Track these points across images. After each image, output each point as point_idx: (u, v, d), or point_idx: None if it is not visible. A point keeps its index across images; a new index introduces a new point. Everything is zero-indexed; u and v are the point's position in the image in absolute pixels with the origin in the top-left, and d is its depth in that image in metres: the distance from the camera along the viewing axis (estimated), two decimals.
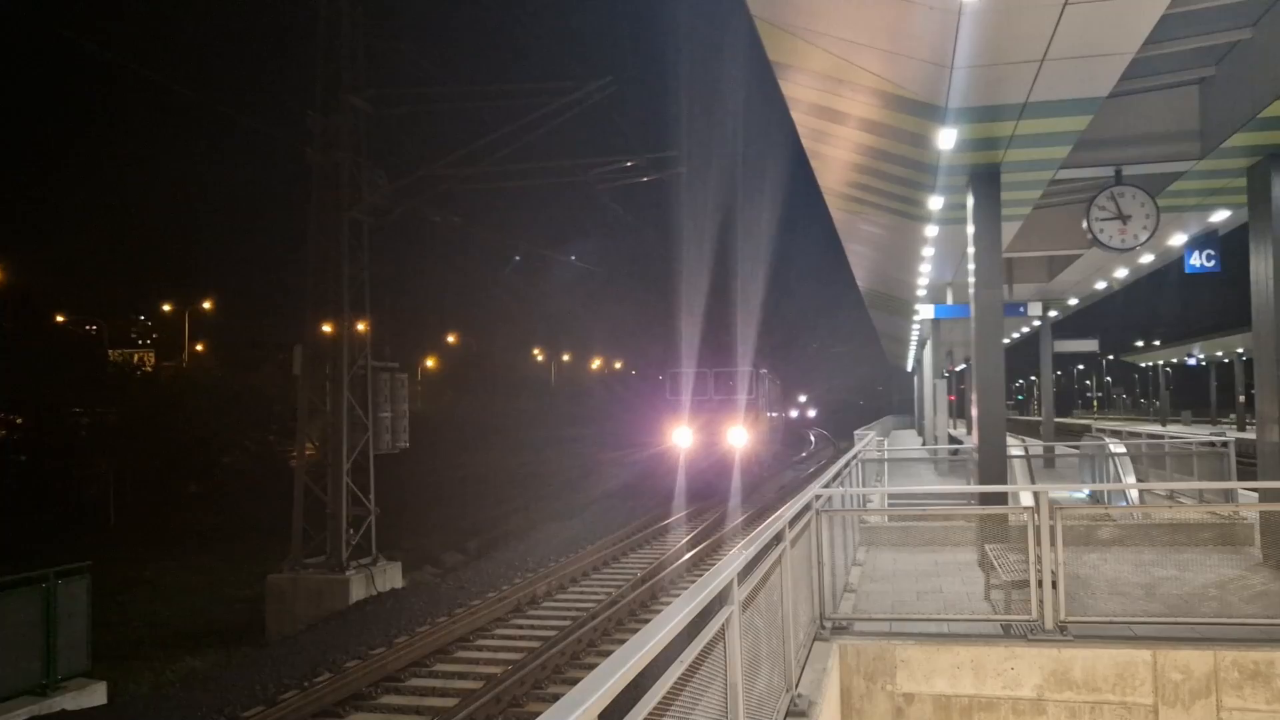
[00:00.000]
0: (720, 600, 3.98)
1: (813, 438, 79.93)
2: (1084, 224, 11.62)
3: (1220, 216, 14.05)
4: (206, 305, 67.01)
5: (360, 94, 20.57)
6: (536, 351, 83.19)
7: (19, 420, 36.32)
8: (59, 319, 55.18)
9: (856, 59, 8.67)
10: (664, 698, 3.03)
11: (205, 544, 29.30)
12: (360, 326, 21.15)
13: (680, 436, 31.52)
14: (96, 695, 11.77)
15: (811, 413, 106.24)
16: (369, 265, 21.22)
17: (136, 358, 69.10)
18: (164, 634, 19.72)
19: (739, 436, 31.21)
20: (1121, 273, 21.40)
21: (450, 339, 71.35)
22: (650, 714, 2.86)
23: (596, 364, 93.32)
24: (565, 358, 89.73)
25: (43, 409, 36.75)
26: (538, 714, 10.81)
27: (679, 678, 3.23)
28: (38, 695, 11.02)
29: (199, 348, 65.70)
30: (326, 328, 20.89)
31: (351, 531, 20.24)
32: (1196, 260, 14.22)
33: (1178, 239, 15.35)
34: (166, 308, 70.56)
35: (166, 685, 14.25)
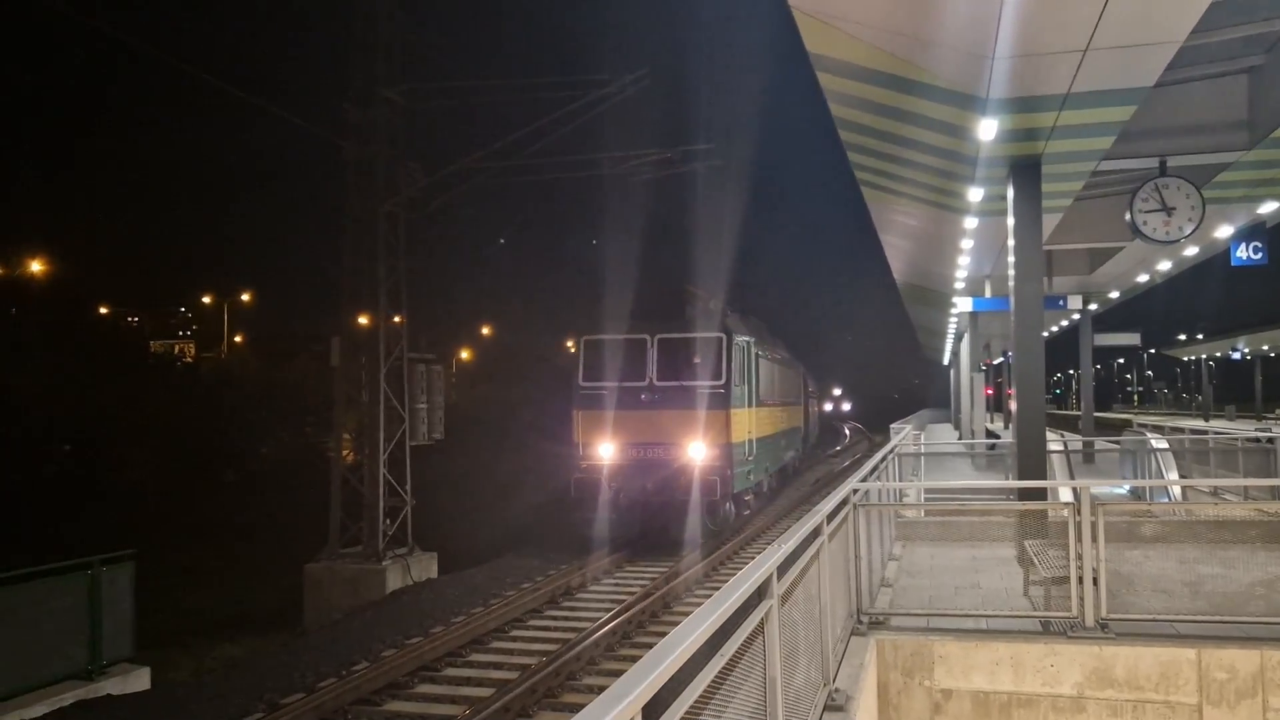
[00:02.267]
0: (760, 594, 3.97)
1: (847, 431, 79.59)
2: (1127, 216, 11.45)
3: (1269, 208, 13.78)
4: (245, 297, 67.86)
5: (396, 88, 20.69)
6: (570, 343, 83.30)
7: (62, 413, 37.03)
8: (102, 310, 56.10)
9: (895, 49, 8.58)
10: (705, 690, 3.03)
11: (243, 533, 29.73)
12: (396, 318, 21.31)
13: (602, 451, 18.97)
14: (140, 680, 11.96)
15: (846, 406, 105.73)
16: (405, 258, 21.37)
17: (177, 349, 70.23)
18: (204, 621, 20.04)
19: (698, 452, 18.56)
20: (1165, 265, 21.05)
21: (485, 330, 71.69)
22: (693, 707, 2.86)
23: None
24: None
25: (85, 399, 37.44)
26: (574, 705, 10.83)
27: (719, 671, 3.23)
28: (84, 680, 11.22)
29: (238, 339, 66.56)
30: (363, 320, 21.08)
31: (388, 522, 20.43)
32: (1243, 253, 13.99)
33: (1224, 231, 15.07)
34: (206, 300, 71.55)
35: (207, 671, 14.50)
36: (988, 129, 9.64)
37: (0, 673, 10.26)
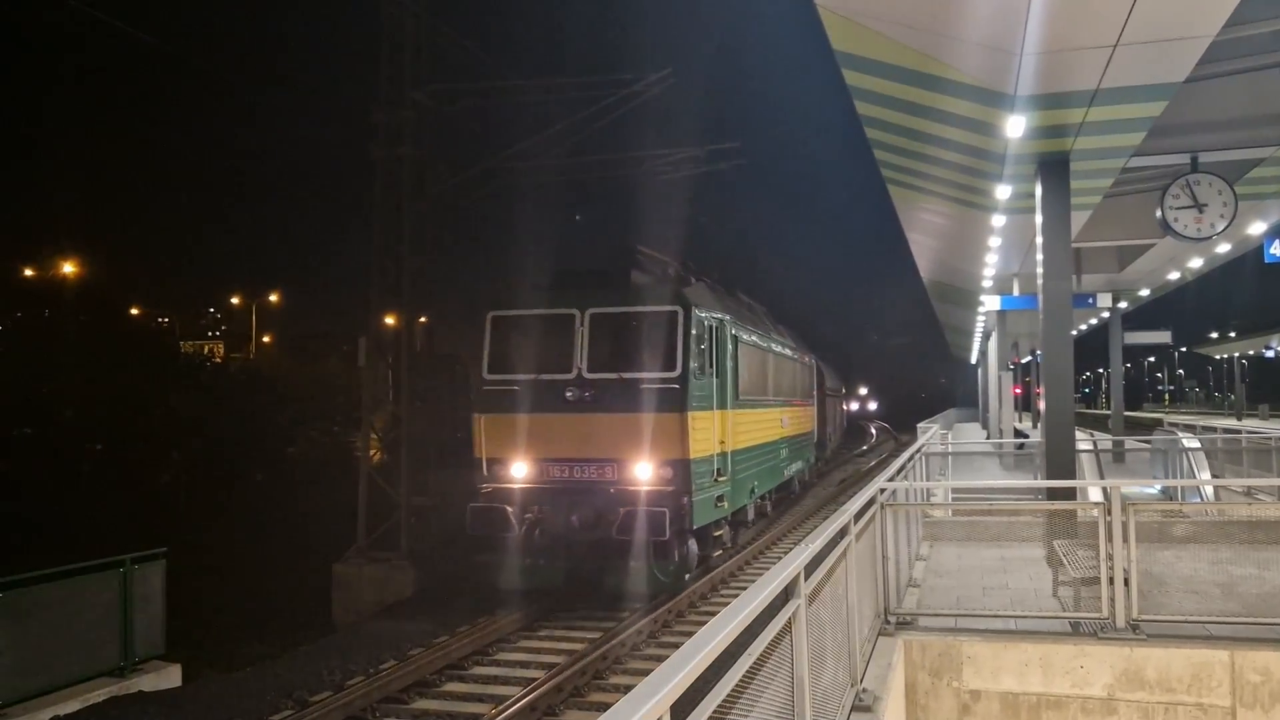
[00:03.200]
0: (787, 594, 3.97)
1: (873, 430, 79.19)
2: (1158, 213, 11.33)
3: None
4: (273, 298, 68.47)
5: (423, 89, 20.82)
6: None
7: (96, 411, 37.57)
8: (133, 312, 56.80)
9: (922, 46, 8.53)
10: (733, 690, 3.03)
11: (272, 532, 30.00)
12: (423, 319, 21.46)
13: (513, 470, 14.26)
14: (172, 678, 12.10)
15: (872, 405, 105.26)
16: (432, 257, 21.50)
17: (206, 349, 71.06)
18: (234, 619, 20.26)
19: (644, 473, 13.77)
20: (1196, 263, 20.80)
21: None
22: (720, 706, 2.86)
23: None
24: None
25: (117, 399, 37.94)
26: (601, 705, 10.77)
27: (747, 671, 3.23)
28: (116, 677, 11.37)
29: (266, 339, 67.20)
30: (390, 320, 21.23)
31: (414, 520, 20.56)
32: (1277, 249, 13.82)
33: (1257, 227, 14.89)
34: (235, 300, 72.27)
35: (237, 668, 14.64)
36: (1015, 126, 9.57)
37: (35, 669, 10.41)
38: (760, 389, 19.19)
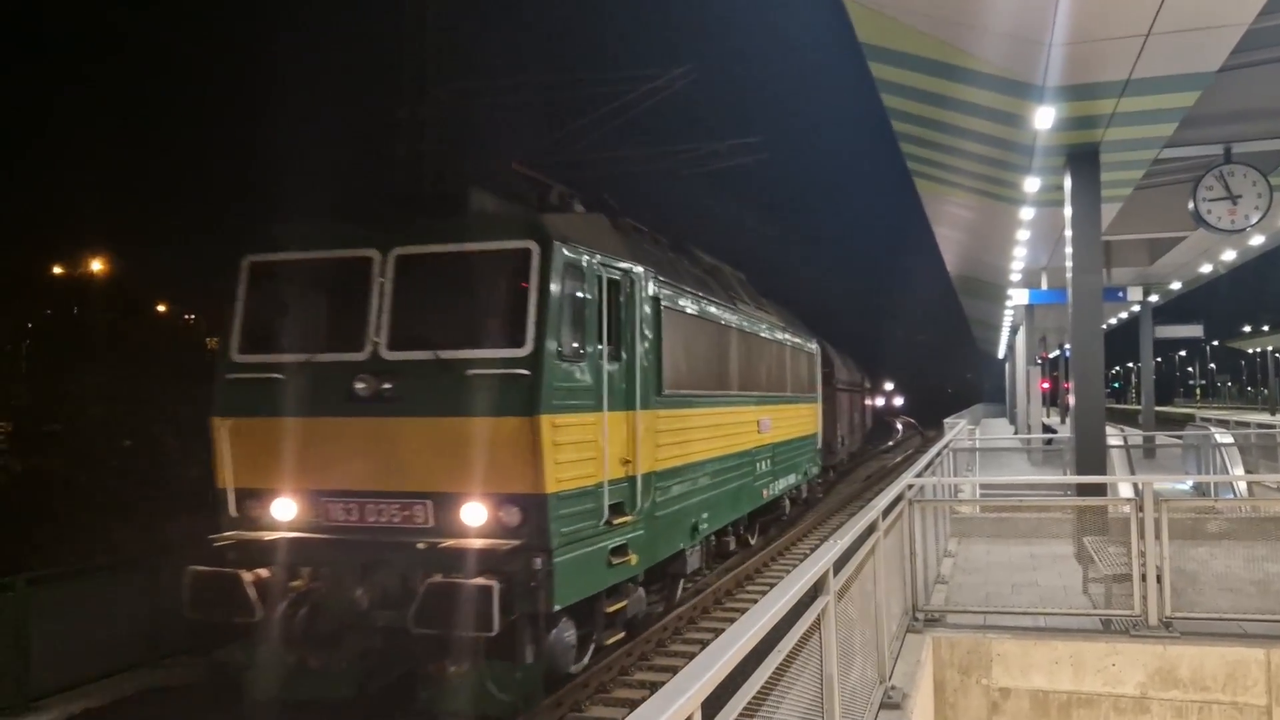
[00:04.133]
0: (816, 590, 3.93)
1: (899, 426, 78.64)
2: (1190, 205, 11.18)
3: None
4: None
5: (445, 86, 20.87)
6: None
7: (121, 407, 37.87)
8: (160, 309, 57.36)
9: (949, 37, 8.45)
10: (763, 687, 3.00)
11: None
12: None
13: (274, 509, 8.83)
14: (196, 671, 12.21)
15: (898, 400, 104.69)
16: None
17: None
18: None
19: (474, 517, 8.02)
20: (1229, 255, 20.50)
21: None
22: (750, 703, 2.84)
23: None
24: None
25: (145, 396, 38.27)
26: (627, 701, 10.68)
27: (776, 668, 3.20)
28: (146, 669, 11.52)
29: None
30: None
31: None
32: None
33: None
34: None
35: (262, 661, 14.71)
36: (1044, 117, 9.47)
37: (65, 663, 10.55)
38: (715, 380, 13.45)
